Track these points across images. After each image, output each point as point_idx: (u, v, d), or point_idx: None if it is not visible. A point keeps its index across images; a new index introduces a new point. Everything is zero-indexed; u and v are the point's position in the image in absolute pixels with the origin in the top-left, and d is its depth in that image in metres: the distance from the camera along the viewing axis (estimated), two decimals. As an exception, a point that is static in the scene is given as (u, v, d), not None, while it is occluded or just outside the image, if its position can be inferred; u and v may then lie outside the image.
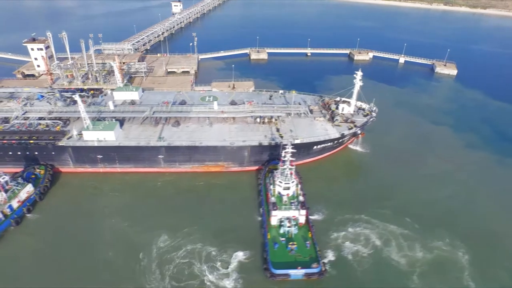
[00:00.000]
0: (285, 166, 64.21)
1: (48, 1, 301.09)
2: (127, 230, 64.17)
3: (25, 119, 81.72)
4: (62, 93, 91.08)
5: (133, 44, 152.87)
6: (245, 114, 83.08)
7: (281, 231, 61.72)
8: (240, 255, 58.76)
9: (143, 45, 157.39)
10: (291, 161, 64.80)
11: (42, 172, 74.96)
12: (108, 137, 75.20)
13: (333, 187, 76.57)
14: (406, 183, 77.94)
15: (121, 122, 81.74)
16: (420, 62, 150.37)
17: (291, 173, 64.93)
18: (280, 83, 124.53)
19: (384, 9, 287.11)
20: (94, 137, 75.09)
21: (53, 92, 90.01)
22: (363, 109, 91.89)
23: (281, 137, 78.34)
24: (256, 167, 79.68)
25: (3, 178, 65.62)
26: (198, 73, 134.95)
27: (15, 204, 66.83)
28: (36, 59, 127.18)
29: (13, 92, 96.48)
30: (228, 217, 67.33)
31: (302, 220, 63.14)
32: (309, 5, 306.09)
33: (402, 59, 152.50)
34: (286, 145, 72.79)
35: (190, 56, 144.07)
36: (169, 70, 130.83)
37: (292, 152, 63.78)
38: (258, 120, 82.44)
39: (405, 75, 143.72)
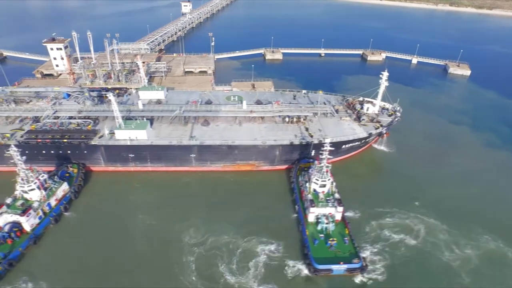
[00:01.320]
0: (322, 164, 65.33)
1: (54, 1, 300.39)
2: (160, 227, 65.20)
3: (55, 118, 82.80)
4: (91, 93, 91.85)
5: (148, 44, 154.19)
6: (274, 113, 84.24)
7: (319, 227, 62.97)
8: (276, 251, 59.91)
9: (158, 44, 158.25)
10: (326, 159, 65.56)
11: (75, 171, 75.66)
12: (140, 136, 75.86)
13: (362, 185, 77.97)
14: (433, 180, 79.49)
15: (151, 121, 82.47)
16: (432, 62, 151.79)
17: (327, 171, 66.44)
18: (298, 83, 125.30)
19: (389, 9, 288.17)
20: (126, 136, 75.74)
21: (83, 91, 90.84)
22: (387, 109, 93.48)
23: (311, 136, 79.51)
24: (286, 166, 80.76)
25: (42, 176, 66.13)
26: (215, 73, 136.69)
27: (53, 202, 67.68)
28: (55, 58, 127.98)
29: (39, 92, 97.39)
30: (261, 214, 68.39)
31: (338, 217, 64.33)
32: (313, 5, 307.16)
33: (414, 60, 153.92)
34: (316, 144, 75.80)
35: (206, 56, 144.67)
36: (186, 70, 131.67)
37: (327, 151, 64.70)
38: (286, 119, 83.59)
39: (419, 75, 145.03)
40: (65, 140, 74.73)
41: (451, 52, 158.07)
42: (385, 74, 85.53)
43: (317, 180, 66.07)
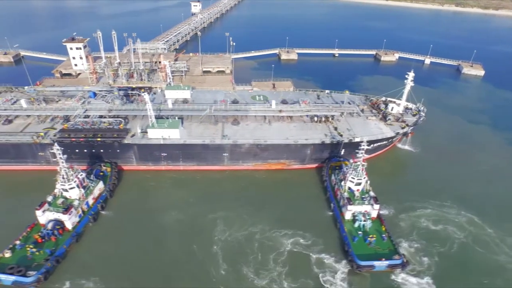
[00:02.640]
0: (358, 163, 66.51)
1: (59, 1, 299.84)
2: (194, 224, 66.18)
3: (85, 117, 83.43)
4: (120, 92, 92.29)
5: (163, 43, 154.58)
6: (303, 113, 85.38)
7: (356, 225, 64.21)
8: (314, 247, 61.19)
9: (173, 44, 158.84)
10: (362, 158, 66.66)
11: (109, 169, 76.26)
12: (172, 135, 76.55)
13: (391, 183, 79.38)
14: (460, 178, 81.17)
15: (181, 120, 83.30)
16: (445, 63, 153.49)
17: (362, 169, 67.59)
18: (317, 83, 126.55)
19: (394, 10, 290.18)
20: (159, 135, 76.38)
21: (112, 91, 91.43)
22: (410, 109, 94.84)
23: (341, 135, 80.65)
24: (316, 165, 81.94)
25: (81, 175, 66.72)
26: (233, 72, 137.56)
27: (90, 201, 68.35)
28: (74, 58, 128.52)
29: (65, 91, 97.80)
30: (295, 211, 69.60)
31: (374, 214, 65.57)
32: (317, 5, 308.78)
33: (428, 60, 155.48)
34: (347, 143, 77.21)
35: (222, 55, 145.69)
36: (204, 69, 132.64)
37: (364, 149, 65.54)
38: (315, 119, 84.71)
39: (433, 76, 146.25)
40: (99, 139, 75.44)
41: (463, 53, 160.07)
42: (410, 75, 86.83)
43: (353, 178, 67.23)
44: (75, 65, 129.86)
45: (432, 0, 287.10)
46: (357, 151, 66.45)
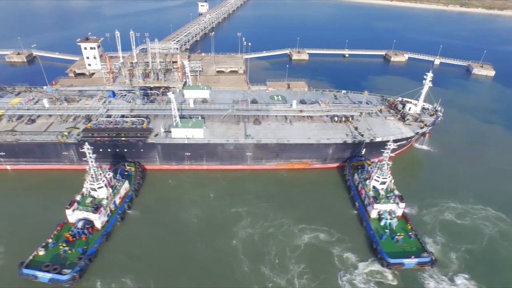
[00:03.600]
0: (383, 162, 67.29)
1: (64, 2, 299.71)
2: (219, 223, 66.91)
3: (107, 117, 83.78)
4: (140, 91, 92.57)
5: (174, 43, 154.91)
6: (323, 113, 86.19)
7: (382, 223, 65.06)
8: (341, 244, 62.16)
9: (184, 44, 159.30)
10: (388, 157, 67.22)
11: (133, 169, 76.63)
12: (196, 134, 77.23)
13: (412, 181, 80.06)
14: (480, 176, 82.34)
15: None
16: (455, 63, 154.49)
17: (387, 168, 68.40)
18: (330, 83, 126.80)
19: (399, 10, 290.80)
20: (183, 134, 77.10)
21: (134, 90, 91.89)
22: (427, 109, 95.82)
23: (362, 135, 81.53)
24: (337, 164, 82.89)
25: (108, 175, 67.27)
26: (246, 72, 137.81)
27: (117, 200, 68.83)
28: (88, 58, 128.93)
29: (82, 90, 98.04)
30: (320, 209, 70.55)
31: (399, 212, 66.42)
32: (321, 5, 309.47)
33: (437, 61, 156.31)
34: (368, 143, 78.13)
35: (234, 55, 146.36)
36: (217, 69, 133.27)
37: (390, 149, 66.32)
38: (336, 119, 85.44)
39: (443, 76, 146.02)
40: (123, 139, 76.10)
41: (472, 53, 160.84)
42: (429, 75, 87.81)
43: (378, 177, 68.06)
44: (89, 64, 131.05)
45: (437, 1, 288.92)
46: (382, 150, 67.70)
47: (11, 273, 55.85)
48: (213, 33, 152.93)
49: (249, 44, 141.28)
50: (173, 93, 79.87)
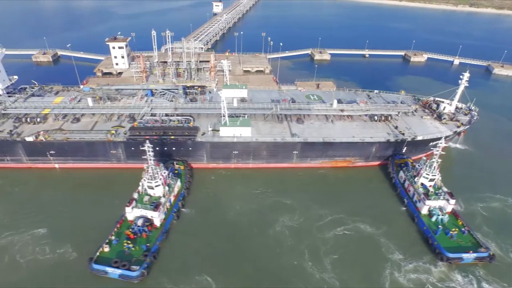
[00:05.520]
0: (433, 159, 69.11)
1: (76, 2, 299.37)
2: (269, 219, 67.93)
3: (152, 115, 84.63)
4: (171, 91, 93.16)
5: (197, 42, 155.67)
6: (363, 112, 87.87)
7: (433, 219, 66.70)
8: (395, 241, 63.08)
9: (206, 43, 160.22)
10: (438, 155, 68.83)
11: (182, 167, 77.79)
12: (244, 133, 78.48)
13: (452, 178, 79.58)
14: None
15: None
16: (474, 63, 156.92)
17: (436, 166, 70.00)
18: (355, 83, 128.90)
19: (409, 10, 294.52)
20: (231, 133, 78.31)
21: (177, 89, 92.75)
22: (460, 108, 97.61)
23: (402, 134, 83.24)
24: (379, 162, 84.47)
25: (164, 173, 68.26)
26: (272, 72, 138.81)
27: (172, 198, 69.71)
28: (115, 57, 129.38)
29: (119, 89, 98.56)
30: (368, 206, 71.68)
31: (449, 209, 68.02)
32: (330, 6, 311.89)
33: (456, 61, 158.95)
34: (410, 141, 79.79)
35: (258, 55, 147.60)
36: (244, 69, 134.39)
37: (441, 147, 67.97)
38: (375, 118, 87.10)
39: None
40: (172, 137, 77.17)
41: (489, 53, 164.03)
42: (466, 75, 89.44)
43: (427, 174, 69.74)
44: (116, 64, 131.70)
45: (446, 1, 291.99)
46: (432, 148, 69.49)
47: (79, 268, 56.75)
48: (236, 33, 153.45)
49: (272, 43, 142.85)
50: (210, 92, 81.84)
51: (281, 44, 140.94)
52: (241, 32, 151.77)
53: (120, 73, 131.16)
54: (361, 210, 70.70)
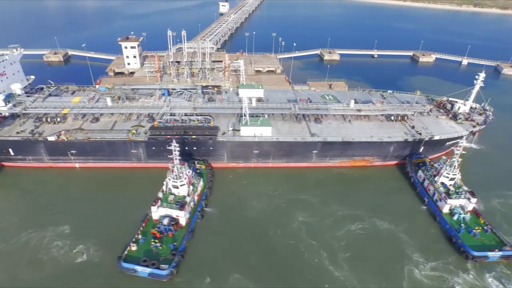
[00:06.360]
0: (453, 159, 69.91)
1: (78, 2, 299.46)
2: (290, 217, 68.78)
3: (171, 115, 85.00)
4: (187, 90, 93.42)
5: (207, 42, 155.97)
6: (380, 112, 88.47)
7: (455, 218, 67.36)
8: (417, 239, 63.80)
9: (216, 43, 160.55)
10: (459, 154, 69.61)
11: (203, 167, 78.24)
12: (264, 132, 79.05)
13: (470, 177, 79.23)
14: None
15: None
16: (483, 63, 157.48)
17: (457, 166, 70.77)
18: (366, 83, 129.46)
19: (413, 10, 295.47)
20: (252, 132, 78.86)
21: (196, 89, 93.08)
22: (475, 108, 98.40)
23: (419, 134, 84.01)
24: (396, 161, 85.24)
25: (189, 172, 68.73)
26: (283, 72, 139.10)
27: (195, 198, 70.06)
28: (127, 57, 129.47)
29: (135, 89, 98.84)
30: (389, 204, 72.44)
31: (470, 207, 68.87)
32: (336, 5, 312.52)
33: (465, 61, 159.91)
34: (427, 141, 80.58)
35: (268, 55, 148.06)
36: (255, 69, 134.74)
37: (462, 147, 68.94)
38: (392, 118, 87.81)
39: (472, 76, 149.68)
40: (193, 137, 77.57)
41: (497, 53, 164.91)
42: (481, 75, 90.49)
43: (448, 173, 70.67)
44: (128, 64, 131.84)
45: (450, 1, 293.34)
46: (453, 148, 70.31)
47: (106, 266, 57.23)
48: (247, 33, 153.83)
49: (283, 44, 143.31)
50: (226, 92, 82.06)
51: (294, 44, 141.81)
52: (254, 32, 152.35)
53: (132, 73, 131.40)
54: (382, 209, 71.44)
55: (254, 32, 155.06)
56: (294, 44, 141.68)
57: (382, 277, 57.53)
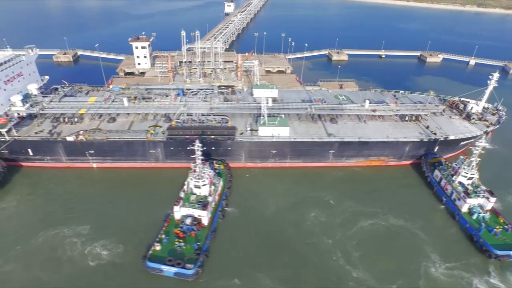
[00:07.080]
0: (472, 158, 70.52)
1: (77, 2, 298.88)
2: (311, 219, 68.85)
3: (189, 115, 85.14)
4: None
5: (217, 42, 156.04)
6: (394, 112, 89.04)
7: (474, 217, 67.94)
8: (437, 238, 64.31)
9: (224, 43, 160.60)
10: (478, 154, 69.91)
11: (222, 167, 78.56)
12: (282, 132, 79.42)
13: (486, 176, 78.95)
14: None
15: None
16: (490, 64, 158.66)
17: (475, 165, 71.33)
18: (376, 83, 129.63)
19: (417, 11, 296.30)
20: (269, 132, 79.18)
21: (213, 89, 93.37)
22: (487, 108, 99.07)
23: (434, 134, 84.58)
24: (411, 161, 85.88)
25: (210, 172, 68.95)
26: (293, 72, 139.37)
27: (216, 198, 70.37)
28: (138, 57, 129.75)
29: (150, 89, 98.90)
30: (407, 204, 72.91)
31: (489, 207, 69.41)
32: (340, 6, 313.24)
33: (472, 61, 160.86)
34: (442, 141, 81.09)
35: (278, 55, 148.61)
36: (265, 69, 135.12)
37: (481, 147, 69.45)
38: (406, 118, 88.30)
39: (479, 76, 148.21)
40: (212, 137, 77.91)
41: (504, 53, 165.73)
42: (495, 75, 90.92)
43: (466, 173, 71.29)
44: (139, 64, 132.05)
45: (454, 1, 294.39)
46: (471, 147, 70.91)
47: (132, 265, 57.41)
48: (257, 33, 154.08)
49: (293, 44, 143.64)
50: (240, 92, 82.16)
51: (306, 44, 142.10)
52: (264, 33, 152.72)
53: (142, 73, 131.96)
54: (401, 208, 71.93)
55: (264, 33, 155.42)
56: (306, 44, 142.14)
57: (407, 275, 57.70)
